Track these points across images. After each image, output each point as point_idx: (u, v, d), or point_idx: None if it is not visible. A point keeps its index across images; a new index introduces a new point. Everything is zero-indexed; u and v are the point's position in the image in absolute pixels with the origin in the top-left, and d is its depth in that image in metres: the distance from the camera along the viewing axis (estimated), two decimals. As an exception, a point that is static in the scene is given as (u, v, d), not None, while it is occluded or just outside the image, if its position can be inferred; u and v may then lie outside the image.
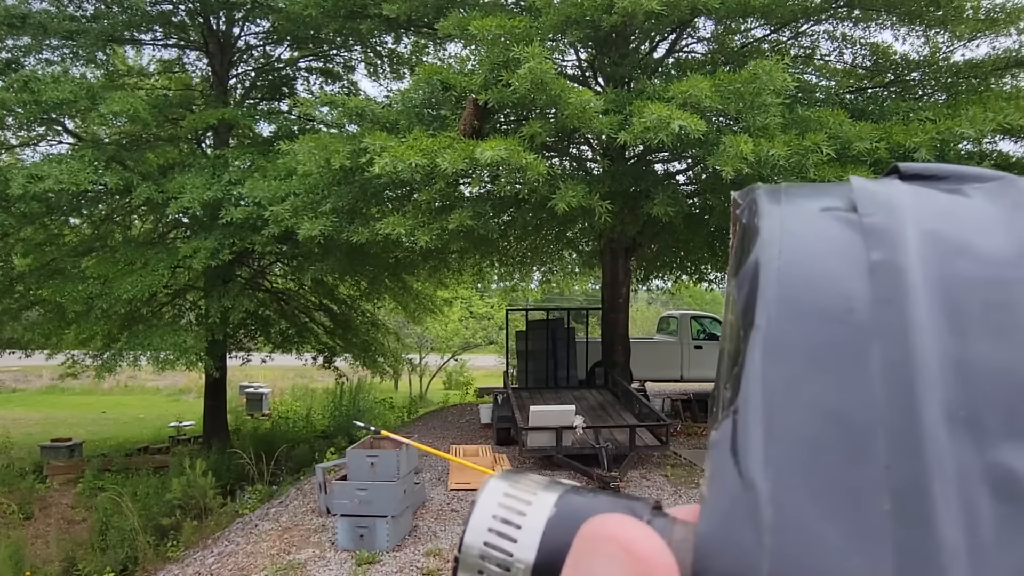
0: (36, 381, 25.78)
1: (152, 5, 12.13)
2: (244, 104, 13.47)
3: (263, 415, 16.83)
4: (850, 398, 0.23)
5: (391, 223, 7.87)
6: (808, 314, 0.25)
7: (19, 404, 21.51)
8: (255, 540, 6.22)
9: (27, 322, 12.39)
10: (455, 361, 24.29)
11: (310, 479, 8.10)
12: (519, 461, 8.21)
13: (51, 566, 7.89)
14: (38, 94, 9.94)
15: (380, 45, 13.60)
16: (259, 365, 16.48)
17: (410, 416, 15.49)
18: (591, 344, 12.35)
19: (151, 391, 24.67)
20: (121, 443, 14.22)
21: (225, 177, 10.49)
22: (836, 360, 0.24)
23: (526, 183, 7.45)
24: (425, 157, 6.96)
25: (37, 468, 11.38)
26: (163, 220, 13.19)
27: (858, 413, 0.23)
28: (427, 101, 8.41)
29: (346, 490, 5.71)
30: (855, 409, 0.23)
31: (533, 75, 6.71)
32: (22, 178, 9.49)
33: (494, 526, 0.24)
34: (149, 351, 10.72)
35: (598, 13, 7.62)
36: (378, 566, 5.32)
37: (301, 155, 8.27)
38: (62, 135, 12.70)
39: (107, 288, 10.39)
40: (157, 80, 14.31)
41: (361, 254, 10.80)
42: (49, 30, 11.25)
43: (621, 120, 7.06)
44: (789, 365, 0.24)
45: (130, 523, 8.02)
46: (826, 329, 0.24)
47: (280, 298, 14.57)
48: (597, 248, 12.02)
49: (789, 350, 0.24)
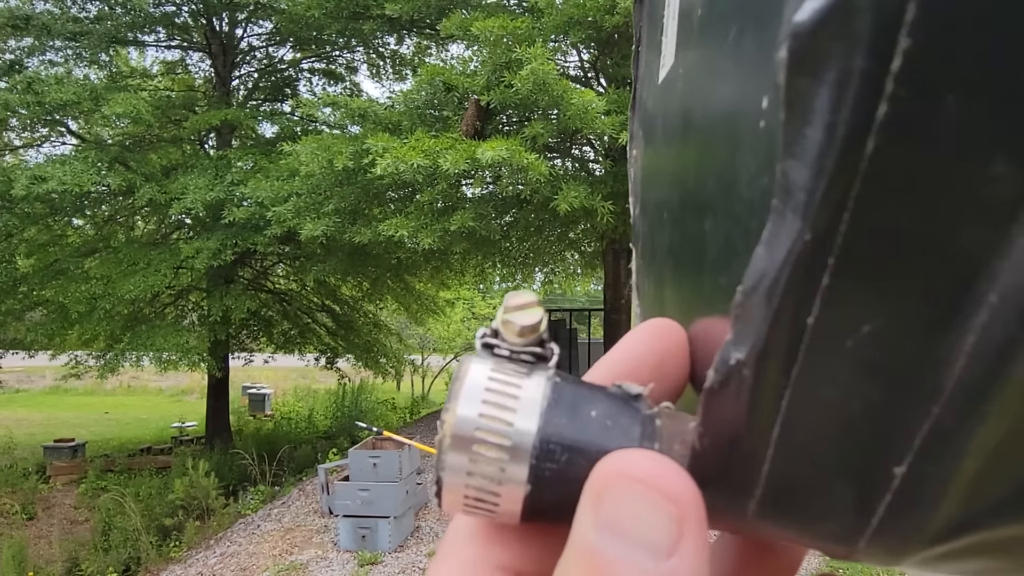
0: (39, 382, 25.83)
1: (155, 7, 12.15)
2: (247, 105, 13.49)
3: (265, 416, 16.85)
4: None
5: (393, 224, 7.88)
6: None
7: (22, 405, 21.55)
8: (257, 541, 6.22)
9: (30, 323, 12.42)
10: (457, 362, 24.27)
11: (312, 480, 8.10)
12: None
13: (54, 566, 7.90)
14: (41, 95, 9.96)
15: (382, 46, 13.62)
16: (261, 366, 16.49)
17: (412, 417, 15.50)
18: (593, 345, 12.35)
19: (154, 392, 24.71)
20: (124, 443, 14.24)
21: (228, 178, 10.50)
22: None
23: (528, 184, 7.45)
24: (427, 158, 6.97)
25: (40, 468, 11.39)
26: (166, 221, 13.22)
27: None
28: (429, 102, 8.42)
29: (348, 491, 5.71)
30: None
31: (535, 76, 6.72)
32: (25, 179, 9.51)
33: (487, 398, 0.23)
34: (152, 352, 10.73)
35: (600, 14, 7.63)
36: (380, 567, 5.32)
37: (304, 156, 8.28)
38: (65, 136, 12.74)
39: (110, 288, 10.40)
40: (160, 81, 14.35)
41: (363, 255, 10.82)
42: (52, 31, 11.28)
43: (623, 121, 7.07)
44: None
45: (133, 523, 8.02)
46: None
47: (282, 299, 14.58)
48: (599, 249, 12.01)
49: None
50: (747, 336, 0.19)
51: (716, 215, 0.25)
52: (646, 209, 0.42)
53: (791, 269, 0.18)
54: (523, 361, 0.24)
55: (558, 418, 0.23)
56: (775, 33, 0.17)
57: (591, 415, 0.23)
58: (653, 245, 0.38)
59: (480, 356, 0.24)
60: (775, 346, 0.19)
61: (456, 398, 0.23)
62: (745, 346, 0.19)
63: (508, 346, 0.24)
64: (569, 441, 0.23)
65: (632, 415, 0.23)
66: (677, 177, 0.32)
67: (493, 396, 0.23)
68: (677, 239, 0.32)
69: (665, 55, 0.35)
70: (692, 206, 0.29)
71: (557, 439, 0.22)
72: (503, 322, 0.24)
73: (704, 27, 0.27)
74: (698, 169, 0.28)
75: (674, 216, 0.33)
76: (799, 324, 0.18)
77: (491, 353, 0.24)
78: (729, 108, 0.23)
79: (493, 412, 0.23)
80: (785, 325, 0.18)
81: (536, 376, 0.24)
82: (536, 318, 0.24)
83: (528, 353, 0.24)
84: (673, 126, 0.33)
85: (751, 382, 0.19)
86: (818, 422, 0.20)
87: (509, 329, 0.24)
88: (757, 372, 0.19)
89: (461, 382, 0.23)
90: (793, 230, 0.17)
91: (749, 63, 0.21)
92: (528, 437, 0.22)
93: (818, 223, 0.17)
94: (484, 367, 0.24)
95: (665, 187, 0.36)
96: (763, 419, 0.20)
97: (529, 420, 0.23)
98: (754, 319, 0.19)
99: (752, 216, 0.20)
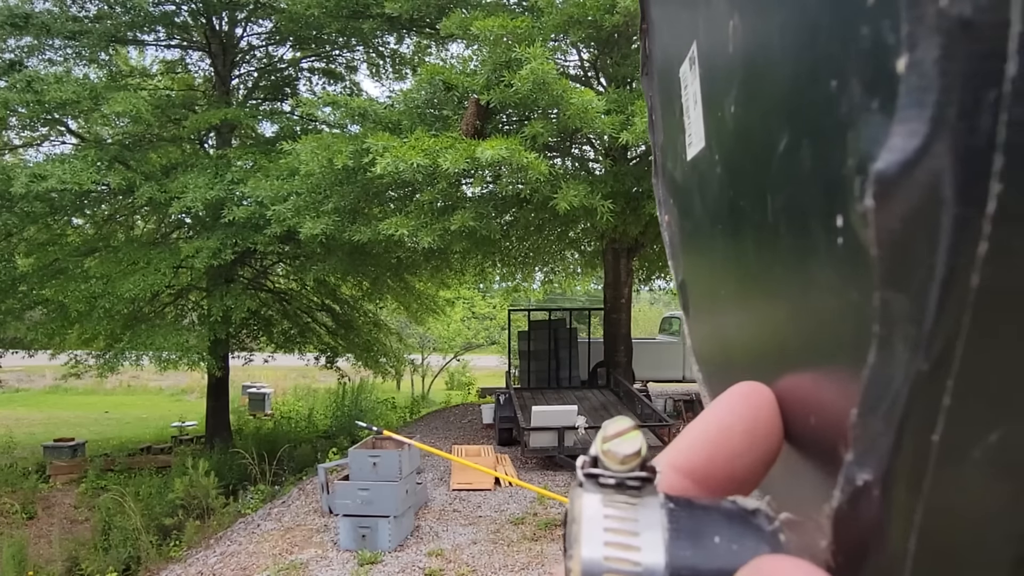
0: (39, 381, 25.84)
1: (155, 6, 12.15)
2: (247, 104, 13.49)
3: (265, 415, 16.86)
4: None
5: (393, 223, 7.88)
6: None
7: (22, 404, 21.56)
8: (257, 540, 6.22)
9: (30, 322, 12.42)
10: (457, 361, 24.30)
11: (312, 479, 8.10)
12: (521, 461, 8.21)
13: (54, 566, 7.90)
14: (41, 94, 9.96)
15: (382, 45, 13.62)
16: (261, 365, 16.50)
17: (412, 416, 15.50)
18: (593, 344, 12.35)
19: (154, 391, 24.72)
20: (124, 443, 14.24)
21: (227, 177, 10.50)
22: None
23: (528, 183, 7.45)
24: (427, 157, 6.97)
25: (40, 468, 11.40)
26: (165, 220, 13.22)
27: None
28: (429, 101, 8.42)
29: (348, 490, 5.71)
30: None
31: (535, 75, 6.72)
32: (25, 177, 9.52)
33: (608, 538, 0.22)
34: (152, 351, 10.74)
35: (600, 13, 7.62)
36: (380, 566, 5.32)
37: (304, 155, 8.28)
38: (65, 135, 12.74)
39: (110, 288, 10.40)
40: (160, 80, 14.34)
41: (363, 254, 10.82)
42: (52, 30, 11.28)
43: (623, 120, 7.06)
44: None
45: (133, 523, 8.03)
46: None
47: (282, 298, 14.59)
48: (599, 248, 12.02)
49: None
50: (871, 457, 0.19)
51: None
52: (694, 275, 0.45)
53: (909, 394, 0.17)
54: (630, 488, 0.24)
55: (683, 550, 0.22)
56: (840, 155, 0.18)
57: (715, 541, 0.23)
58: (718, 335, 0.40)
59: (587, 488, 0.24)
60: (903, 465, 0.19)
61: (578, 542, 0.23)
62: (870, 467, 0.19)
63: (612, 474, 0.24)
64: (699, 572, 0.22)
65: (756, 534, 0.23)
66: (730, 264, 0.34)
67: (614, 536, 0.22)
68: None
69: (692, 135, 0.35)
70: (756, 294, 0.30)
71: (687, 572, 0.22)
72: (603, 452, 0.24)
73: (742, 127, 0.28)
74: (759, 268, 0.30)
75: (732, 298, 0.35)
76: (924, 442, 0.18)
77: (596, 483, 0.24)
78: (796, 218, 0.24)
79: (618, 554, 0.22)
80: (910, 445, 0.18)
81: (649, 504, 0.23)
82: (637, 445, 0.24)
83: (634, 478, 0.24)
84: (718, 212, 0.34)
85: (882, 502, 0.19)
86: (954, 529, 0.19)
87: (610, 458, 0.24)
88: (886, 491, 0.19)
89: (579, 524, 0.23)
90: (903, 360, 0.17)
91: (808, 180, 0.21)
92: (658, 574, 0.22)
93: (932, 353, 0.17)
94: (596, 501, 0.23)
95: (718, 268, 0.37)
96: (898, 534, 0.20)
97: (655, 555, 0.22)
98: (876, 440, 0.19)
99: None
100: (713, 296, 0.39)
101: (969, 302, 0.16)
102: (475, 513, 6.55)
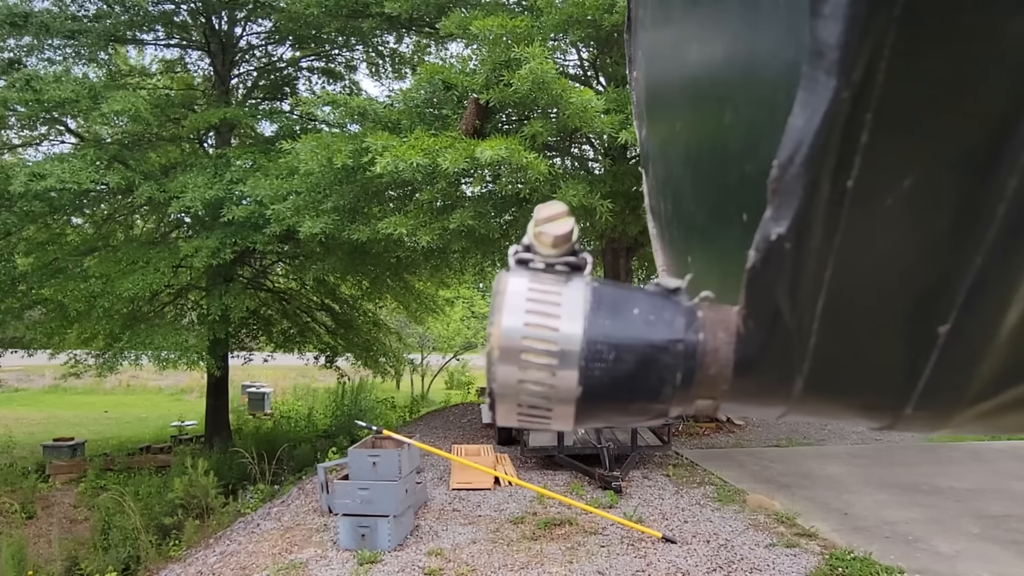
0: (38, 380, 25.83)
1: (154, 5, 12.14)
2: (246, 104, 13.49)
3: (265, 415, 16.86)
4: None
5: (393, 223, 7.87)
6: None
7: (22, 403, 21.55)
8: (257, 539, 6.22)
9: (29, 321, 12.42)
10: (457, 361, 24.29)
11: (312, 479, 8.10)
12: (521, 461, 8.21)
13: (53, 565, 7.90)
14: (40, 93, 9.95)
15: (382, 44, 13.61)
16: (261, 365, 16.51)
17: (412, 416, 15.50)
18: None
19: (153, 391, 24.71)
20: (123, 442, 14.24)
21: (227, 176, 10.50)
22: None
23: (527, 182, 7.44)
24: (427, 157, 6.96)
25: (39, 467, 11.40)
26: (165, 219, 13.21)
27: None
28: (428, 101, 8.41)
29: (348, 490, 5.71)
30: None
31: (534, 75, 6.71)
32: (24, 176, 9.51)
33: (531, 307, 0.23)
34: (151, 350, 10.73)
35: (599, 13, 7.62)
36: (380, 566, 5.31)
37: (303, 154, 8.27)
38: (64, 134, 12.72)
39: (109, 287, 10.40)
40: (159, 80, 14.33)
41: (362, 253, 10.81)
42: (51, 30, 11.27)
43: (623, 120, 7.06)
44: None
45: (132, 522, 8.03)
46: None
47: (282, 297, 14.59)
48: (598, 248, 12.01)
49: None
50: (787, 209, 0.19)
51: (736, 104, 0.25)
52: (655, 125, 0.43)
53: (829, 130, 0.17)
54: (559, 271, 0.24)
55: (602, 319, 0.23)
56: None
57: (633, 313, 0.23)
58: (667, 161, 0.39)
59: (516, 271, 0.25)
60: (817, 214, 0.18)
61: (499, 310, 0.23)
62: (786, 219, 0.19)
63: (542, 258, 0.24)
64: (615, 340, 0.23)
65: (674, 308, 0.24)
66: (688, 81, 0.33)
67: (536, 305, 0.23)
68: (694, 144, 0.32)
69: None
70: (707, 104, 0.29)
71: (603, 339, 0.23)
72: (535, 234, 0.25)
73: None
74: (711, 63, 0.28)
75: (688, 122, 0.33)
76: (839, 188, 0.18)
77: (526, 267, 0.25)
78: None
79: (538, 320, 0.23)
80: (825, 191, 0.18)
81: (575, 282, 0.24)
82: (567, 227, 0.24)
83: (563, 263, 0.24)
84: (678, 13, 0.34)
85: (794, 255, 0.19)
86: (862, 289, 0.19)
87: (542, 241, 0.25)
88: (799, 244, 0.19)
89: (502, 295, 0.23)
90: (828, 90, 0.17)
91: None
92: (575, 340, 0.22)
93: (854, 76, 0.16)
94: (523, 279, 0.24)
95: (675, 95, 0.36)
96: (807, 292, 0.19)
97: (574, 324, 0.23)
98: (793, 190, 0.18)
99: (778, 92, 0.20)
100: (670, 140, 0.39)
101: (895, 17, 0.16)
102: (475, 512, 6.55)
